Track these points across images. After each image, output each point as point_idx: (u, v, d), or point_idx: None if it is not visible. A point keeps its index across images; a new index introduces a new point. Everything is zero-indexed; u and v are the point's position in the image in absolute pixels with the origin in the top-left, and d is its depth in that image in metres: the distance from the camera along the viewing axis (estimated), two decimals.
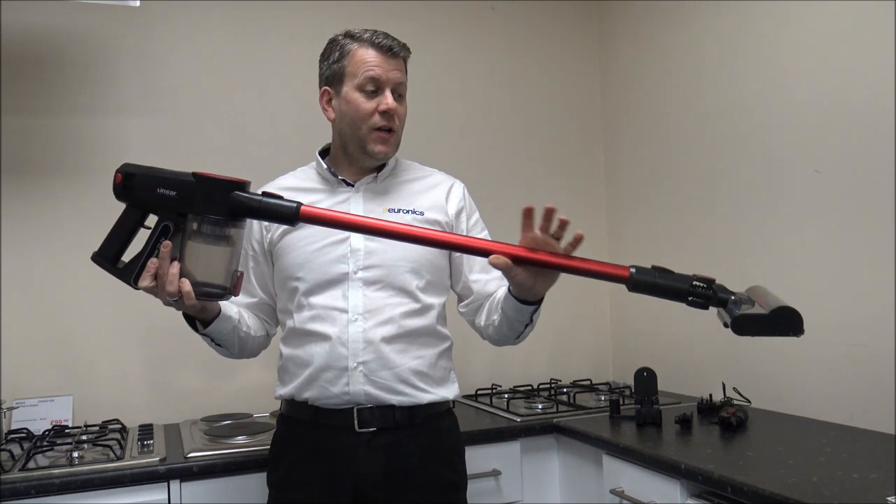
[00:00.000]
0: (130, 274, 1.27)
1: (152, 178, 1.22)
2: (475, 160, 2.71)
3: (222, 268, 1.24)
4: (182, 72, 2.41)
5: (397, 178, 1.63)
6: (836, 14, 1.96)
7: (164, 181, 1.22)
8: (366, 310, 1.50)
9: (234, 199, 1.20)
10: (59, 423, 2.14)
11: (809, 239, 2.05)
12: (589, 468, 1.97)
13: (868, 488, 1.38)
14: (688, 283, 1.16)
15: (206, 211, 1.20)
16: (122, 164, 1.26)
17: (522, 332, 1.52)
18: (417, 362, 1.53)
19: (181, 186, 1.21)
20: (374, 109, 1.52)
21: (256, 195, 1.22)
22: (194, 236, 1.21)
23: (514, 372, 2.72)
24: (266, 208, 1.21)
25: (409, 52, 1.59)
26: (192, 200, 1.20)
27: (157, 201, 1.23)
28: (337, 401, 1.50)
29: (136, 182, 1.23)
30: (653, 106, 2.67)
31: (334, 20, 2.57)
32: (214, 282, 1.25)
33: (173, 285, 1.24)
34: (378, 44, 1.54)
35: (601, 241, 2.94)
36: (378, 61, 1.53)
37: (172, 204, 1.22)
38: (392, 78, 1.53)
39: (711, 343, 2.40)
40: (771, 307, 1.10)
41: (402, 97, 1.57)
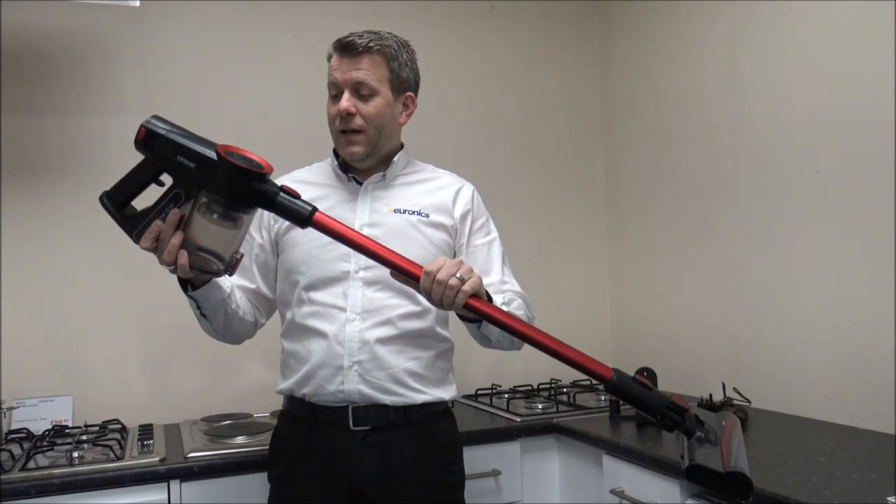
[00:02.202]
0: (133, 228, 1.26)
1: (175, 143, 1.18)
2: (474, 160, 2.71)
3: (224, 247, 1.22)
4: (182, 72, 2.41)
5: (406, 179, 1.63)
6: (836, 14, 1.96)
7: (187, 151, 1.17)
8: (364, 309, 1.51)
9: (252, 188, 1.17)
10: (59, 423, 2.14)
11: (809, 239, 2.05)
12: (589, 468, 1.97)
13: (868, 488, 1.38)
14: (662, 405, 1.14)
15: (220, 193, 1.17)
16: (151, 117, 1.21)
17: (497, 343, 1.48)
18: (413, 363, 1.53)
19: (202, 162, 1.17)
20: (335, 114, 1.53)
21: (275, 189, 1.19)
22: (203, 210, 1.19)
23: (514, 372, 2.72)
24: (281, 205, 1.18)
25: (384, 45, 1.54)
26: (209, 178, 1.17)
27: (175, 168, 1.19)
28: (332, 398, 1.50)
29: (158, 142, 1.19)
30: (653, 106, 2.67)
31: (334, 20, 2.59)
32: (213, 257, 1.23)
33: (171, 255, 1.22)
34: (339, 43, 1.54)
35: (601, 240, 2.94)
36: (336, 64, 1.53)
37: (189, 175, 1.18)
38: (349, 78, 1.51)
39: (711, 343, 2.41)
40: (729, 465, 1.10)
41: (371, 95, 1.52)
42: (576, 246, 2.89)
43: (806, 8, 2.05)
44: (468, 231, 1.63)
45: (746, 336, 2.26)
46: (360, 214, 1.56)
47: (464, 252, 1.60)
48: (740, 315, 2.29)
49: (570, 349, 1.20)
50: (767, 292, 2.18)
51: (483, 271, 1.54)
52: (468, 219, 1.63)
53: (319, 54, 2.55)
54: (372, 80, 1.52)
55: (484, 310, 1.21)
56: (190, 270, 1.24)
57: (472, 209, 1.64)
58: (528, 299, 1.58)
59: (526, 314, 1.52)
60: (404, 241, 1.49)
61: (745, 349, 2.26)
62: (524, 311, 1.52)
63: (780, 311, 2.15)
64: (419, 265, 1.22)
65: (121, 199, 1.26)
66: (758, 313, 2.22)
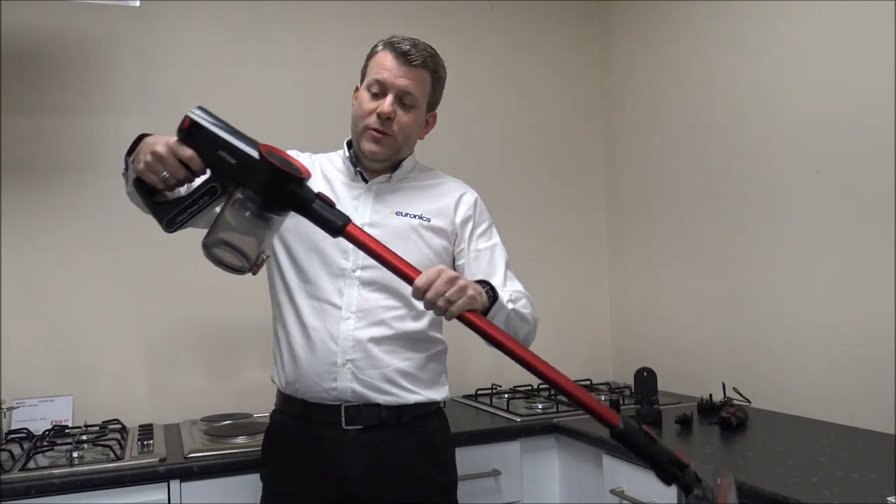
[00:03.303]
0: (164, 215, 1.25)
1: (218, 138, 1.17)
2: (474, 160, 2.71)
3: (251, 245, 1.21)
4: (182, 72, 2.41)
5: (411, 182, 1.64)
6: (836, 14, 1.96)
7: (229, 147, 1.16)
8: (359, 309, 1.51)
9: (289, 191, 1.16)
10: (59, 423, 2.14)
11: (809, 239, 2.05)
12: (589, 468, 1.97)
13: (868, 488, 1.38)
14: (664, 458, 1.15)
15: (257, 192, 1.16)
16: (196, 108, 1.20)
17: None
18: (406, 364, 1.53)
19: (243, 159, 1.16)
20: (372, 110, 1.53)
21: (311, 195, 1.18)
22: (237, 207, 1.18)
23: (514, 372, 2.68)
24: (315, 212, 1.18)
25: (435, 64, 1.57)
26: (248, 176, 1.16)
27: (214, 162, 1.18)
28: (325, 396, 1.50)
29: (200, 133, 1.18)
30: (653, 105, 2.67)
31: (335, 20, 2.59)
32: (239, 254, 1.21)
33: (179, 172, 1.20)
34: (395, 48, 1.54)
35: (601, 240, 2.94)
36: (390, 66, 1.53)
37: (228, 171, 1.17)
38: (399, 84, 1.53)
39: (711, 343, 2.41)
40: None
41: (412, 107, 1.55)
42: (576, 246, 2.89)
43: (806, 8, 2.05)
44: (468, 236, 1.63)
45: (746, 336, 2.26)
46: (361, 213, 1.57)
47: (464, 257, 1.61)
48: (740, 315, 2.29)
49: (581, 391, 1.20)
50: (767, 292, 2.18)
51: (486, 276, 1.54)
52: (469, 224, 1.63)
53: (320, 54, 2.58)
54: (417, 93, 1.55)
55: (478, 325, 1.19)
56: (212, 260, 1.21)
57: (473, 215, 1.64)
58: (531, 300, 1.58)
59: (531, 313, 1.53)
60: (404, 244, 1.49)
61: (745, 349, 2.26)
62: (530, 309, 1.53)
63: (780, 311, 2.15)
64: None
65: (149, 188, 1.25)
66: (758, 313, 2.22)
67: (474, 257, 1.60)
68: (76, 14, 2.30)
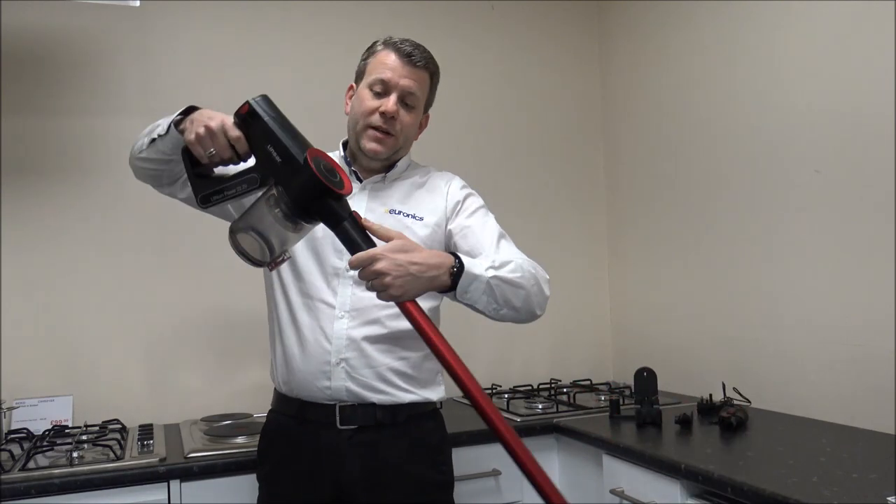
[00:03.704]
0: (200, 191, 1.26)
1: (270, 132, 1.18)
2: (474, 161, 2.71)
3: (276, 242, 1.20)
4: (182, 72, 2.41)
5: (405, 181, 1.64)
6: (836, 14, 1.96)
7: (278, 144, 1.17)
8: (352, 308, 1.51)
9: (322, 203, 1.16)
10: (59, 423, 2.14)
11: (809, 238, 2.05)
12: (589, 468, 1.97)
13: (868, 488, 1.38)
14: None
15: (290, 194, 1.16)
16: (259, 96, 1.22)
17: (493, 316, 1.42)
18: (401, 363, 1.53)
19: (288, 160, 1.16)
20: (375, 108, 1.53)
21: (344, 212, 1.18)
22: (272, 203, 1.18)
23: (514, 372, 2.72)
24: (344, 230, 1.18)
25: (434, 67, 1.59)
26: (288, 177, 1.16)
27: (260, 154, 1.19)
28: (320, 395, 1.50)
29: (255, 123, 1.20)
30: (653, 106, 2.67)
31: (335, 20, 2.59)
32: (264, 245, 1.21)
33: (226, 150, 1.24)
34: (399, 49, 1.54)
35: (601, 240, 2.94)
36: (394, 65, 1.54)
37: (271, 166, 1.18)
38: (402, 84, 1.53)
39: (711, 343, 2.41)
40: None
41: (413, 107, 1.56)
42: (576, 246, 2.89)
43: (806, 8, 2.05)
44: (454, 216, 1.61)
45: (746, 336, 2.26)
46: None
47: (454, 237, 1.58)
48: (740, 315, 2.29)
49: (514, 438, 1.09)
50: (767, 292, 2.18)
51: (476, 248, 1.53)
52: (456, 208, 1.62)
53: (320, 54, 2.57)
54: (418, 94, 1.57)
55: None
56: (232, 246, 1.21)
57: (459, 199, 1.62)
58: (532, 264, 1.50)
59: (526, 276, 1.44)
60: None
61: (745, 349, 2.26)
62: (521, 273, 1.43)
63: (780, 311, 2.15)
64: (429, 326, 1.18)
65: (194, 159, 1.27)
66: (758, 313, 2.22)
67: (462, 235, 1.57)
68: (76, 14, 2.30)
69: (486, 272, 1.35)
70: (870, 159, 1.87)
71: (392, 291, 1.19)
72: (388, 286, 1.19)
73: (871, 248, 1.87)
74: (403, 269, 1.20)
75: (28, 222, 2.23)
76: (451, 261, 1.30)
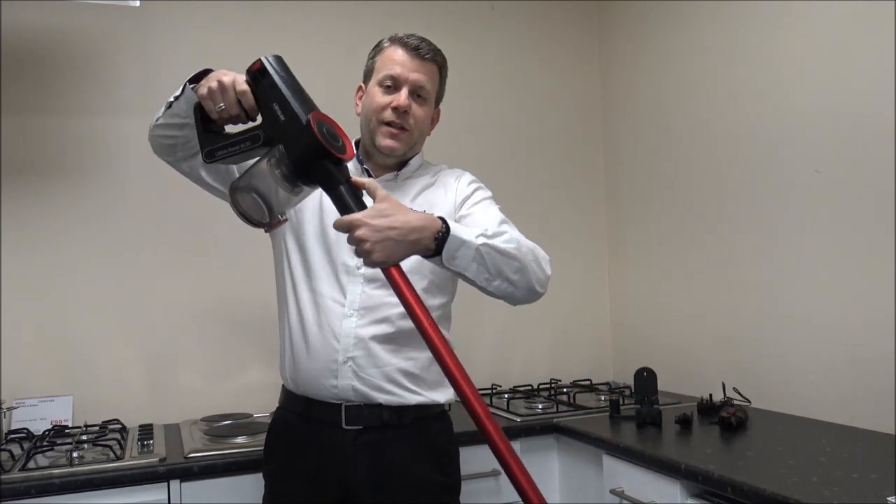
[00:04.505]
0: (207, 145, 1.26)
1: (277, 89, 1.20)
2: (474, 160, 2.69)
3: (275, 203, 1.21)
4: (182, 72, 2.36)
5: (416, 180, 1.63)
6: (836, 14, 1.96)
7: (283, 102, 1.18)
8: (362, 306, 1.50)
9: (321, 166, 1.16)
10: (59, 423, 2.14)
11: (809, 238, 2.05)
12: (589, 468, 1.97)
13: (868, 488, 1.38)
14: None
15: (290, 154, 1.16)
16: (272, 55, 1.24)
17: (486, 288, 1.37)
18: (409, 363, 1.52)
19: (291, 118, 1.17)
20: (387, 104, 1.53)
21: (342, 177, 1.17)
22: (273, 163, 1.18)
23: (514, 372, 2.72)
24: (339, 194, 1.17)
25: (442, 59, 1.59)
26: (289, 137, 1.17)
27: (266, 111, 1.20)
28: (326, 393, 1.50)
29: (264, 80, 1.22)
30: (653, 106, 2.67)
31: (335, 20, 2.59)
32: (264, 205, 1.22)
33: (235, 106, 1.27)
34: (406, 43, 1.54)
35: (601, 240, 2.94)
36: (402, 60, 1.53)
37: (274, 125, 1.19)
38: (413, 78, 1.53)
39: (711, 343, 2.41)
40: None
41: (425, 100, 1.56)
42: (576, 246, 2.89)
43: (806, 8, 2.05)
44: (461, 208, 1.59)
45: (746, 336, 2.26)
46: None
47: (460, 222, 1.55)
48: (740, 315, 2.29)
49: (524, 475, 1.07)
50: (767, 292, 2.19)
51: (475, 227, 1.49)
52: (464, 202, 1.61)
53: (320, 54, 2.57)
54: (429, 87, 1.57)
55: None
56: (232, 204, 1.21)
57: (468, 194, 1.61)
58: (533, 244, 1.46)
59: (521, 249, 1.39)
60: None
61: (745, 349, 2.26)
62: (516, 245, 1.39)
63: (780, 311, 2.15)
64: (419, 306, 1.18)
65: (205, 115, 1.28)
66: (758, 313, 2.22)
67: (468, 222, 1.53)
68: (76, 14, 2.30)
69: (475, 239, 1.30)
70: (870, 159, 1.87)
71: (374, 258, 1.17)
72: (369, 252, 1.17)
73: (871, 248, 1.87)
74: (382, 234, 1.18)
75: (28, 222, 2.23)
76: (437, 225, 1.26)
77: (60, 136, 2.28)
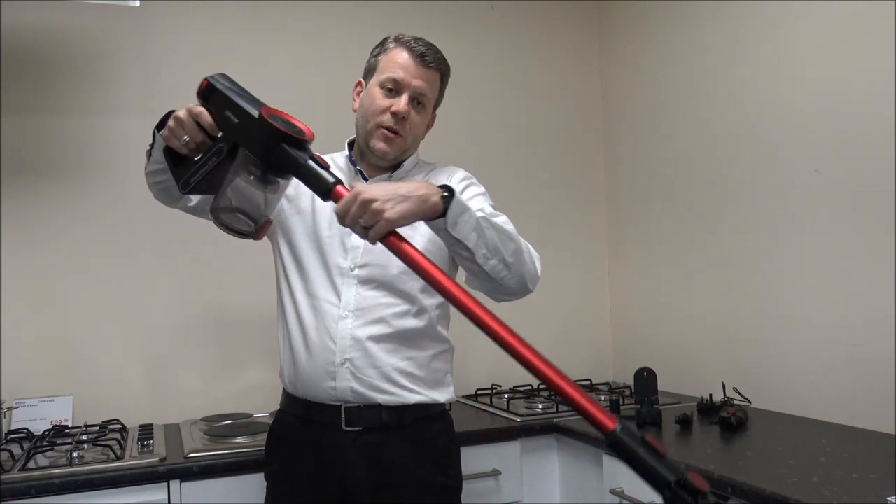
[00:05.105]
0: (179, 177, 1.28)
1: (226, 98, 1.21)
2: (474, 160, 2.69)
3: (254, 208, 1.22)
4: (182, 72, 2.40)
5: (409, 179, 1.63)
6: (836, 14, 1.96)
7: (234, 106, 1.20)
8: (357, 307, 1.50)
9: (280, 151, 1.17)
10: (59, 423, 2.14)
11: (809, 238, 2.05)
12: (589, 468, 1.97)
13: (868, 488, 1.38)
14: (673, 477, 0.90)
15: (252, 152, 1.18)
16: (218, 73, 1.25)
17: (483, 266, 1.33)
18: (406, 363, 1.52)
19: (244, 118, 1.19)
20: (386, 107, 1.53)
21: (304, 156, 1.18)
22: (240, 169, 1.20)
23: (514, 372, 2.68)
24: (307, 171, 1.17)
25: (446, 68, 1.59)
26: (248, 135, 1.18)
27: (222, 122, 1.22)
28: (325, 395, 1.50)
29: (214, 95, 1.23)
30: (653, 106, 2.67)
31: (335, 20, 2.59)
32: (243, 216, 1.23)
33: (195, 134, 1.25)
34: (412, 48, 1.54)
35: (601, 240, 2.94)
36: (406, 65, 1.53)
37: (231, 130, 1.21)
38: (415, 85, 1.53)
39: (711, 343, 2.41)
40: None
41: (424, 106, 1.56)
42: (576, 246, 2.89)
43: (806, 8, 2.05)
44: None
45: (746, 336, 2.26)
46: None
47: None
48: (740, 315, 2.29)
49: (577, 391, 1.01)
50: (767, 292, 2.18)
51: None
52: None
53: (320, 54, 2.57)
54: (429, 94, 1.57)
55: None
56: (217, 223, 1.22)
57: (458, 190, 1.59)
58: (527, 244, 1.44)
59: (516, 235, 1.40)
60: None
61: (745, 349, 2.26)
62: (513, 230, 1.41)
63: (780, 311, 2.15)
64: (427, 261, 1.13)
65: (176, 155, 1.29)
66: (758, 313, 2.22)
67: None
68: (76, 14, 2.30)
69: (476, 210, 1.29)
70: (870, 159, 1.87)
71: (388, 215, 1.12)
72: (380, 212, 1.12)
73: (871, 248, 1.87)
74: (392, 191, 1.15)
75: (28, 222, 2.23)
76: (438, 190, 1.24)
77: (60, 136, 2.28)
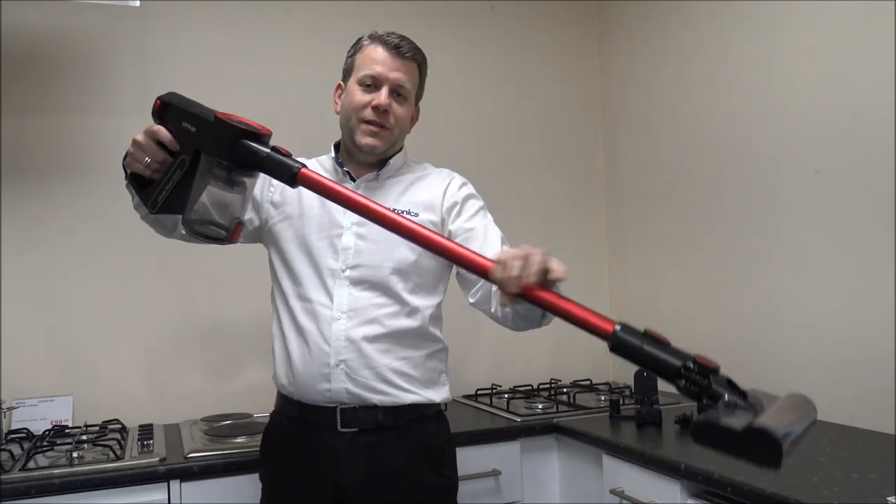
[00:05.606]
0: (147, 199, 1.28)
1: (180, 110, 1.24)
2: (473, 160, 2.70)
3: (223, 212, 1.24)
4: (182, 72, 2.41)
5: (398, 178, 1.63)
6: (835, 14, 1.96)
7: (190, 116, 1.23)
8: (349, 308, 1.50)
9: (241, 146, 1.19)
10: (59, 423, 2.14)
11: (809, 238, 2.05)
12: (589, 468, 1.97)
13: (868, 488, 1.38)
14: (680, 362, 0.96)
15: (214, 153, 1.20)
16: (168, 92, 1.28)
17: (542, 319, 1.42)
18: (401, 363, 1.52)
19: (201, 124, 1.21)
20: (367, 103, 1.53)
21: (264, 148, 1.20)
22: (206, 176, 1.21)
23: (514, 372, 2.72)
24: (270, 162, 1.19)
25: (422, 58, 1.60)
26: (207, 140, 1.20)
27: (180, 134, 1.23)
28: (320, 398, 1.50)
29: (168, 111, 1.26)
30: (653, 105, 2.67)
31: (335, 20, 2.59)
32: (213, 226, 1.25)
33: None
34: (386, 42, 1.54)
35: (601, 240, 2.94)
36: (383, 59, 1.54)
37: (190, 139, 1.22)
38: (393, 77, 1.53)
39: (711, 342, 2.40)
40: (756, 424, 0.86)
41: (405, 98, 1.56)
42: (576, 246, 2.89)
43: (806, 8, 2.05)
44: (455, 217, 1.58)
45: (746, 336, 2.26)
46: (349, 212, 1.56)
47: (456, 237, 1.55)
48: (740, 315, 2.29)
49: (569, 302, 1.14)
50: (767, 292, 2.18)
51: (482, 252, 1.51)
52: (455, 208, 1.59)
53: (320, 54, 2.57)
54: (409, 86, 1.57)
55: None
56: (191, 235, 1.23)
57: (458, 200, 1.60)
58: None
59: None
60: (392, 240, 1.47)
61: (745, 349, 2.26)
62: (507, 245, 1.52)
63: (780, 311, 2.14)
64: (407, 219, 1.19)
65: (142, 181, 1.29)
66: (758, 314, 2.22)
67: (466, 238, 1.53)
68: (76, 14, 2.30)
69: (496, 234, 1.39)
70: (870, 159, 1.87)
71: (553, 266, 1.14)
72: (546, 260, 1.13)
73: (871, 249, 1.87)
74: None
75: (28, 222, 2.23)
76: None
77: (60, 136, 2.28)
